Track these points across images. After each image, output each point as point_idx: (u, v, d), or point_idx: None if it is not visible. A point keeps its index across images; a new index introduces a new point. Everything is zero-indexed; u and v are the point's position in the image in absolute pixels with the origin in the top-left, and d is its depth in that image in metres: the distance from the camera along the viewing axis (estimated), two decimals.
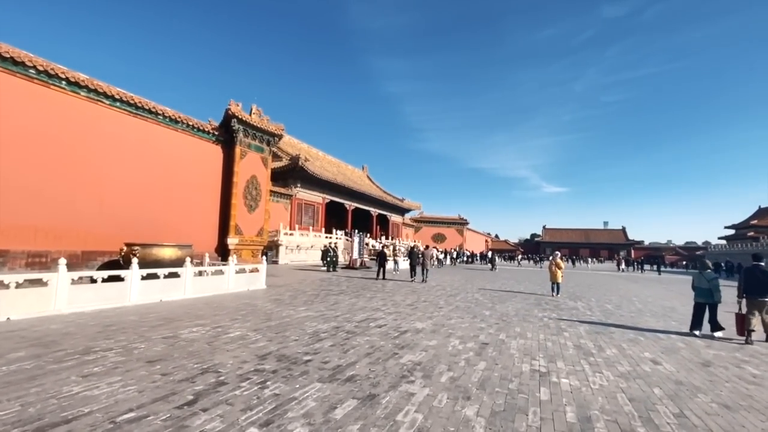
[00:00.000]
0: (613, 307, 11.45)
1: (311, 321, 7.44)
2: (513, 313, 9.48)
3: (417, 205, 58.75)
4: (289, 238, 28.71)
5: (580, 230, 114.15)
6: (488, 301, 11.42)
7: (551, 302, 11.85)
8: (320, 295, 11.24)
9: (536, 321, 8.45)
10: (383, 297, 11.42)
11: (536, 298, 12.84)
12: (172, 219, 14.33)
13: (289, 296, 10.92)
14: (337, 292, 12.27)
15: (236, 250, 16.22)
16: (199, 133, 15.51)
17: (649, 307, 11.69)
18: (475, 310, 9.59)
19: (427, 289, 14.02)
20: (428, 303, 10.56)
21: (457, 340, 6.34)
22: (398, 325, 7.33)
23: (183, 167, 14.88)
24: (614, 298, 13.73)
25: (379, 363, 4.88)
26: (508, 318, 8.69)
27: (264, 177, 17.77)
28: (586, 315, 9.62)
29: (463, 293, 13.34)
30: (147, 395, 3.60)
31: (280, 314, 8.05)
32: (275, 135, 18.03)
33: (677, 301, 13.69)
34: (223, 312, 8.16)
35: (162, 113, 13.87)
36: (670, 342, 6.93)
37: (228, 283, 11.51)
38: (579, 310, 10.52)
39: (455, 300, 11.44)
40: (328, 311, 8.63)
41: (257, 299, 10.20)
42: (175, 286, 9.94)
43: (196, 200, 15.42)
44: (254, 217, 17.13)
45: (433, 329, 7.12)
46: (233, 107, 15.62)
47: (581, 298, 13.28)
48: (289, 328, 6.72)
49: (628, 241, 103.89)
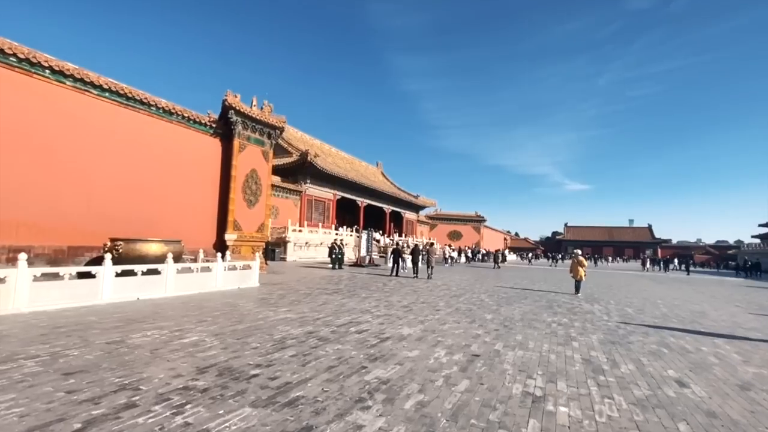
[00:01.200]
0: (634, 311, 10.29)
1: (286, 324, 6.70)
2: (518, 317, 8.50)
3: (432, 202, 57.61)
4: (298, 234, 28.23)
5: (603, 228, 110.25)
6: (494, 303, 10.44)
7: (565, 304, 10.78)
8: (312, 294, 10.53)
9: (543, 327, 7.47)
10: (379, 297, 10.61)
11: (549, 299, 11.76)
12: (166, 214, 13.89)
13: (278, 295, 10.24)
14: (332, 291, 11.53)
15: (235, 246, 15.71)
16: (196, 126, 15.02)
17: (676, 312, 10.47)
18: (475, 314, 8.65)
19: (430, 289, 13.13)
20: (426, 305, 9.69)
21: (444, 350, 5.46)
22: (381, 331, 6.50)
23: (179, 161, 14.42)
24: (636, 301, 12.50)
25: (337, 380, 4.08)
26: (512, 323, 7.73)
27: (265, 171, 17.19)
28: (602, 320, 8.55)
29: (469, 294, 12.38)
30: (27, 421, 2.91)
31: (255, 316, 7.35)
32: (276, 127, 17.43)
33: (708, 305, 12.35)
34: (195, 312, 7.52)
35: (155, 104, 13.41)
36: (700, 356, 5.86)
37: (216, 280, 10.93)
38: (595, 314, 9.43)
39: (457, 301, 10.51)
40: (311, 313, 7.88)
41: (243, 298, 9.55)
42: (156, 284, 9.40)
43: (193, 195, 14.95)
44: (254, 213, 16.58)
45: (420, 336, 6.26)
46: (230, 98, 15.07)
47: (599, 301, 12.12)
48: (256, 333, 5.99)
49: (654, 239, 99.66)
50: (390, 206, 47.41)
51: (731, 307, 12.20)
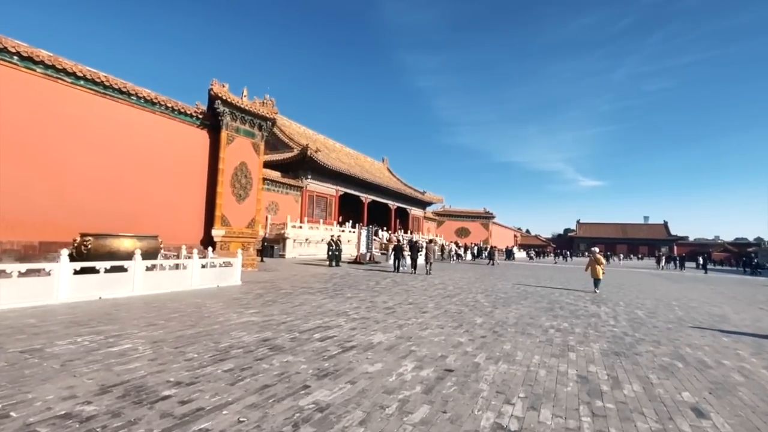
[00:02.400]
0: (645, 314, 9.32)
1: (243, 330, 5.96)
2: (513, 321, 7.63)
3: (439, 198, 56.53)
4: (297, 231, 27.59)
5: (616, 225, 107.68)
6: (489, 305, 9.57)
7: (568, 306, 9.85)
8: (293, 294, 9.80)
9: (539, 334, 6.59)
10: (365, 297, 9.82)
11: (552, 300, 10.83)
12: (150, 209, 13.32)
13: (256, 295, 9.53)
14: (317, 290, 10.79)
15: (223, 242, 15.09)
16: (182, 117, 14.40)
17: (693, 315, 9.46)
18: (465, 317, 7.81)
19: (424, 288, 12.29)
20: (413, 306, 8.87)
21: (414, 363, 4.65)
22: (349, 338, 5.71)
23: (163, 153, 13.82)
24: (649, 303, 11.47)
25: (264, 406, 3.30)
26: (503, 329, 6.87)
27: (255, 164, 16.52)
28: (608, 326, 7.62)
29: (465, 293, 11.52)
30: None
31: (215, 319, 6.63)
32: (267, 119, 16.73)
33: (728, 307, 11.26)
34: (151, 314, 6.84)
35: (136, 94, 12.80)
36: (722, 372, 4.93)
37: (191, 279, 10.27)
38: (600, 317, 8.50)
39: (449, 302, 9.67)
40: (279, 316, 7.13)
41: (214, 298, 8.87)
42: (122, 282, 8.76)
43: (179, 189, 14.35)
44: (244, 207, 15.94)
45: (392, 344, 5.45)
46: (216, 87, 14.40)
47: (607, 302, 11.14)
48: (201, 340, 5.26)
49: (670, 236, 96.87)
50: (395, 202, 46.53)
51: (755, 309, 11.10)
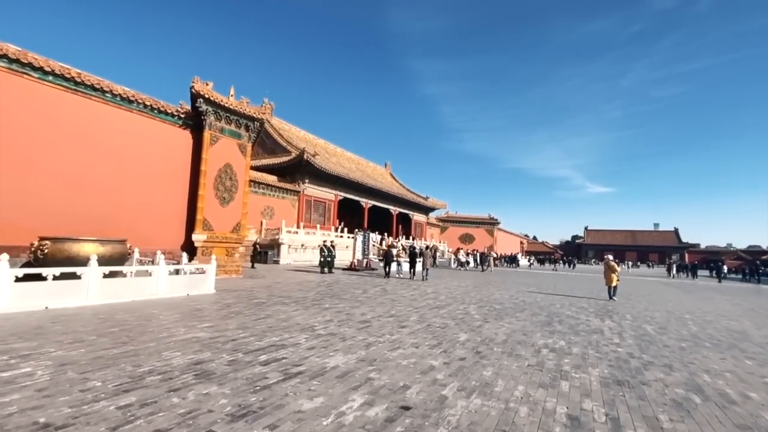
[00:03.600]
0: (655, 330, 8.32)
1: (180, 349, 5.13)
2: (502, 338, 6.71)
3: (442, 204, 55.69)
4: (293, 236, 26.85)
5: (626, 231, 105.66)
6: (480, 318, 8.65)
7: (568, 320, 8.88)
8: (265, 305, 8.97)
9: (529, 355, 5.67)
10: (343, 308, 8.96)
11: (552, 312, 9.86)
12: (125, 212, 12.63)
13: (222, 306, 8.72)
14: (294, 300, 9.96)
15: (205, 247, 14.35)
16: (162, 116, 13.77)
17: (709, 331, 8.43)
18: (448, 333, 6.90)
19: (413, 298, 11.39)
20: (393, 319, 7.98)
21: (365, 397, 3.77)
22: (300, 360, 4.85)
23: (140, 153, 13.17)
24: (659, 316, 10.44)
25: None
26: (488, 348, 5.96)
27: (242, 166, 15.82)
28: (612, 344, 6.66)
29: (456, 304, 10.59)
30: None
31: (157, 335, 5.81)
32: (255, 119, 16.05)
33: (748, 322, 10.19)
34: (89, 328, 6.04)
35: (110, 91, 12.18)
36: (750, 410, 3.98)
37: (157, 286, 9.50)
38: (604, 334, 7.53)
39: (435, 315, 8.76)
40: (235, 331, 6.30)
41: (173, 309, 8.07)
42: (74, 291, 8.00)
43: (158, 191, 13.68)
44: (228, 211, 15.20)
45: (348, 370, 4.58)
46: (197, 85, 13.75)
47: (613, 315, 10.14)
48: (123, 362, 4.44)
49: (681, 243, 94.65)
50: (397, 208, 45.72)
51: None
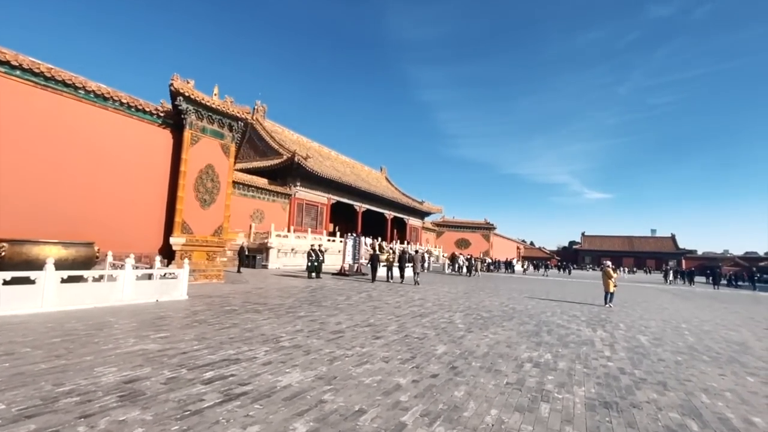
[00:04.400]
0: (649, 341, 7.80)
1: (117, 364, 4.58)
2: (483, 350, 6.17)
3: (438, 208, 55.19)
4: (282, 240, 26.26)
5: (623, 237, 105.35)
6: (464, 327, 8.11)
7: (558, 329, 8.36)
8: (235, 313, 8.41)
9: (510, 371, 5.15)
10: (318, 317, 8.41)
11: (541, 321, 9.34)
12: (99, 213, 12.08)
13: (189, 313, 8.16)
14: (269, 307, 9.41)
15: (183, 251, 13.77)
16: (139, 114, 13.26)
17: (707, 343, 7.93)
18: (426, 345, 6.37)
19: (397, 305, 10.85)
20: (370, 329, 7.44)
21: (308, 425, 3.23)
22: (250, 378, 4.30)
23: (116, 153, 12.64)
24: (654, 325, 9.94)
25: None
26: (466, 363, 5.42)
27: (224, 167, 15.29)
28: (602, 358, 6.14)
29: (442, 311, 10.06)
30: None
31: (100, 347, 5.25)
32: (239, 119, 15.55)
33: (747, 332, 9.70)
34: (28, 338, 5.47)
35: (83, 87, 11.68)
36: None
37: (123, 292, 8.93)
38: (594, 346, 7.01)
39: (417, 323, 8.22)
40: (189, 342, 5.75)
41: (132, 317, 7.50)
42: (27, 296, 7.43)
43: (134, 192, 13.13)
44: (209, 214, 14.65)
45: (301, 390, 4.04)
46: (177, 82, 13.25)
47: (605, 324, 9.63)
48: (44, 380, 3.88)
49: (678, 250, 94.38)
50: (392, 212, 45.20)
51: None
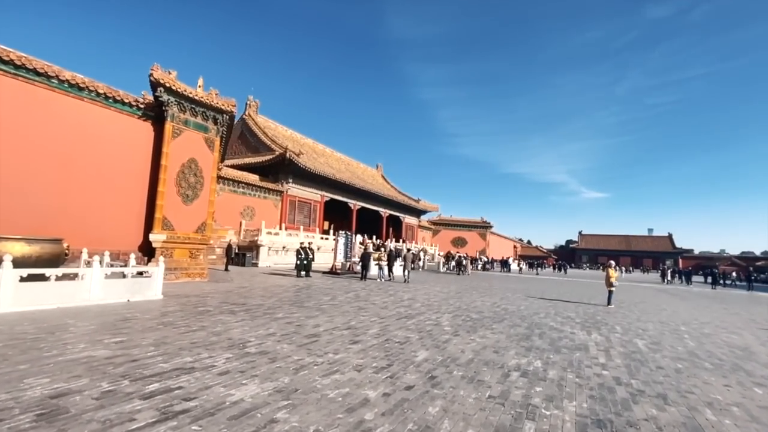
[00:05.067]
0: (647, 345, 7.35)
1: (53, 374, 4.08)
2: (468, 357, 5.69)
3: (434, 206, 54.72)
4: (273, 238, 25.74)
5: (620, 236, 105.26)
6: (450, 330, 7.63)
7: (551, 332, 7.89)
8: (207, 314, 7.91)
9: (494, 381, 4.67)
10: (296, 319, 7.91)
11: (533, 323, 8.87)
12: (73, 209, 11.55)
13: (156, 315, 7.65)
14: (247, 307, 8.90)
15: (165, 248, 13.24)
16: (118, 105, 12.71)
17: (708, 348, 7.48)
18: (404, 351, 5.88)
19: (384, 305, 10.36)
20: (349, 332, 6.95)
21: None
22: (199, 391, 3.81)
23: (93, 146, 12.10)
24: (652, 328, 9.49)
25: None
26: (447, 371, 4.94)
27: (208, 161, 14.75)
28: (596, 365, 5.67)
29: (430, 313, 9.58)
30: None
31: (43, 353, 4.74)
32: (224, 112, 15.00)
33: (750, 335, 9.26)
34: None
35: (56, 76, 11.12)
36: None
37: (90, 291, 8.40)
38: (588, 351, 6.54)
39: (400, 326, 7.74)
40: (145, 348, 5.24)
41: (94, 319, 6.98)
42: None
43: (113, 187, 12.59)
44: (192, 210, 14.12)
45: (253, 406, 3.55)
46: (156, 72, 12.67)
47: (601, 326, 9.17)
48: None
49: (675, 249, 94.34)
50: (387, 210, 44.68)
51: None
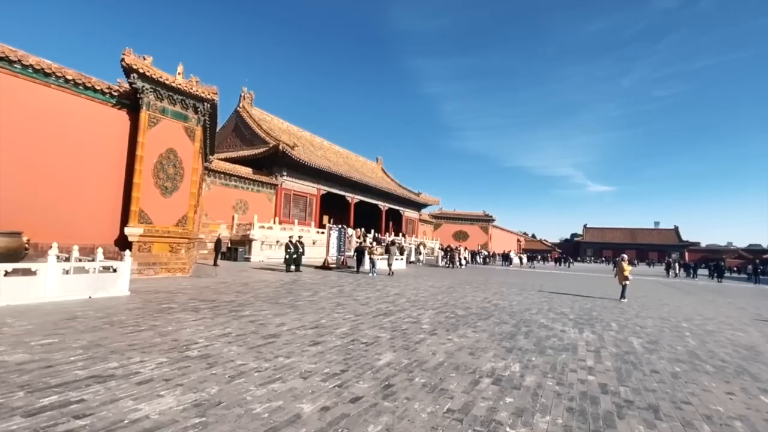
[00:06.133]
0: (643, 344, 6.70)
1: None
2: (437, 360, 5.08)
3: (435, 200, 53.98)
4: (266, 232, 25.20)
5: (625, 230, 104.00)
6: (428, 329, 7.03)
7: (539, 330, 7.26)
8: (171, 311, 7.35)
9: (459, 390, 4.06)
10: (263, 317, 7.34)
11: (522, 320, 8.24)
12: (40, 202, 11.03)
13: (109, 313, 7.10)
14: (216, 304, 8.35)
15: (142, 242, 12.72)
16: (89, 93, 12.13)
17: (710, 347, 6.82)
18: (368, 354, 5.28)
19: (365, 301, 9.77)
20: (313, 331, 6.36)
21: None
22: (100, 405, 3.22)
23: (62, 135, 11.55)
24: (651, 324, 8.82)
25: None
26: (407, 379, 4.34)
27: (189, 152, 14.17)
28: (582, 369, 5.04)
29: (411, 310, 8.98)
30: None
31: None
32: (205, 100, 14.38)
33: (756, 332, 8.58)
34: None
35: (18, 61, 10.54)
36: None
37: (44, 288, 7.87)
38: (576, 352, 5.91)
39: (374, 324, 7.14)
40: (71, 350, 4.68)
41: (38, 318, 6.43)
42: None
43: (85, 179, 12.06)
44: (172, 202, 13.57)
45: (160, 424, 2.96)
46: (129, 58, 12.05)
47: (595, 322, 8.52)
48: None
49: (681, 242, 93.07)
50: (387, 203, 44.07)
51: None
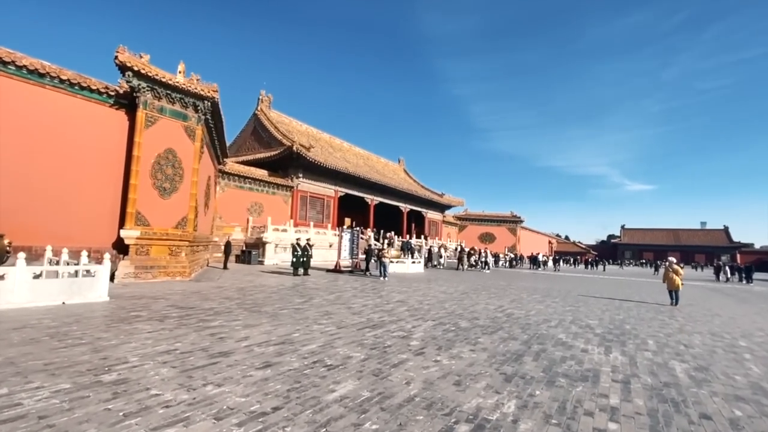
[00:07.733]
0: (689, 373, 5.30)
1: None
2: (407, 395, 4.00)
3: (459, 201, 52.29)
4: (281, 234, 24.75)
5: (668, 231, 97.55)
6: (417, 346, 5.94)
7: (551, 352, 6.00)
8: (128, 321, 6.66)
9: None
10: (226, 329, 6.50)
11: (532, 336, 6.97)
12: (34, 204, 10.81)
13: (59, 324, 6.46)
14: (190, 313, 7.62)
15: (140, 245, 12.33)
16: (85, 93, 11.88)
17: None
18: (323, 382, 4.27)
19: (358, 310, 8.76)
20: (276, 348, 5.43)
21: None
22: None
23: (58, 136, 11.33)
24: (699, 342, 7.30)
25: None
26: (356, 423, 3.30)
27: (189, 152, 13.73)
28: (601, 411, 3.80)
29: (407, 320, 7.88)
30: None
31: None
32: (205, 98, 13.93)
33: None
34: None
35: (12, 62, 10.36)
36: None
37: (13, 292, 7.41)
38: (598, 382, 4.65)
39: (352, 340, 6.13)
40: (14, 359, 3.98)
41: None
42: None
43: (81, 181, 11.81)
44: (171, 204, 13.14)
45: None
46: (123, 55, 11.69)
47: (627, 339, 7.10)
48: None
49: (731, 243, 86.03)
50: (408, 205, 42.93)
51: None
